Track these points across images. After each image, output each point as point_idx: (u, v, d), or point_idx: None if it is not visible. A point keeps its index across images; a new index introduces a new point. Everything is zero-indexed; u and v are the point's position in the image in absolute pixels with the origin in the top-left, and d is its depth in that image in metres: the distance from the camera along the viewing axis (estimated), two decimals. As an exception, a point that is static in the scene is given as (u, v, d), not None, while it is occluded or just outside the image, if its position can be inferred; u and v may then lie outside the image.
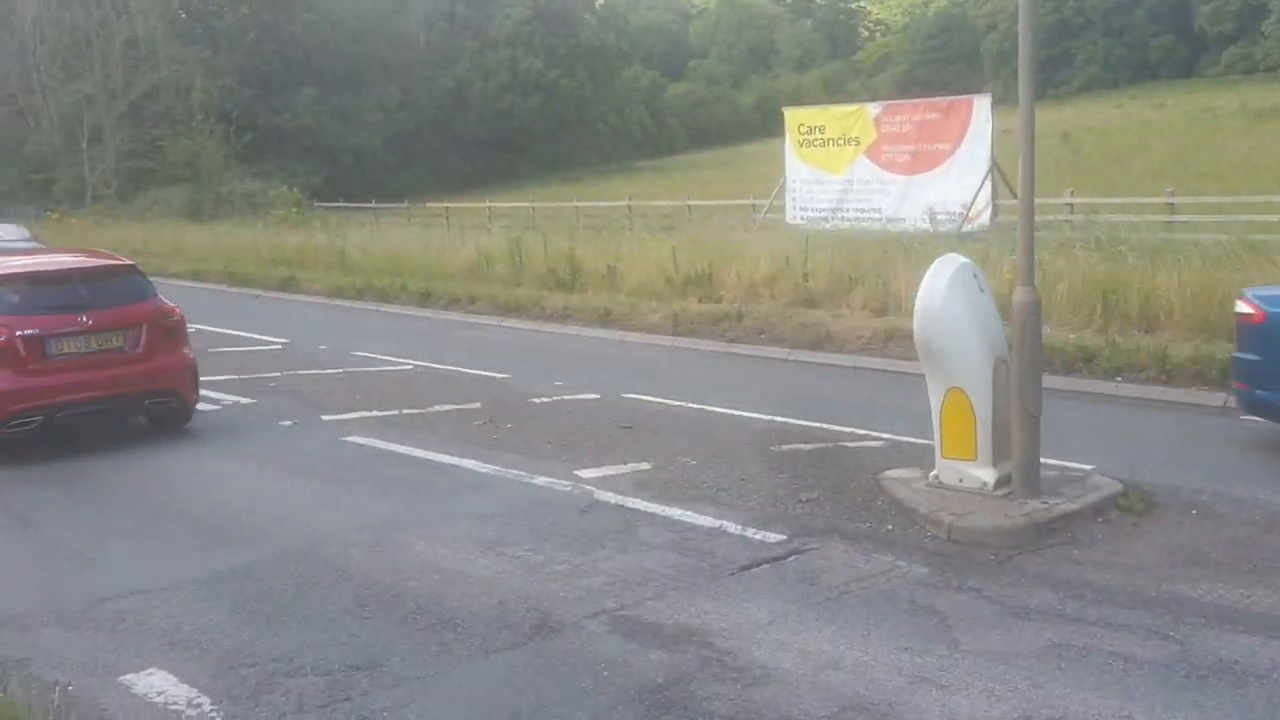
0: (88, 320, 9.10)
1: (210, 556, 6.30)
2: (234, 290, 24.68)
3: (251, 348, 15.31)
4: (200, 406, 10.40)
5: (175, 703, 4.42)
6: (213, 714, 4.34)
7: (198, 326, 17.52)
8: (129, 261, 10.42)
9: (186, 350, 9.94)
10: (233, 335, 16.61)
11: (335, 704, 4.41)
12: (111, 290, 9.57)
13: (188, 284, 25.15)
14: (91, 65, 50.72)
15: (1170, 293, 11.78)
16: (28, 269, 9.82)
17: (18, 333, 8.78)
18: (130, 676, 4.65)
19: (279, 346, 15.38)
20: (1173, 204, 20.53)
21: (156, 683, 4.60)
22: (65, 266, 10.00)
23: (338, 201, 42.31)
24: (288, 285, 23.53)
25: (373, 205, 40.81)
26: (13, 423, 8.74)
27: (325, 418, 10.13)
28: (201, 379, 10.21)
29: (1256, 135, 42.09)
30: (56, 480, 8.17)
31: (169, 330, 9.71)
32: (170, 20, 53.03)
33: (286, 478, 8.08)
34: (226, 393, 11.41)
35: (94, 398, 9.10)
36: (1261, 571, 5.71)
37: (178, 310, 9.97)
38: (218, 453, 8.94)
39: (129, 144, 49.59)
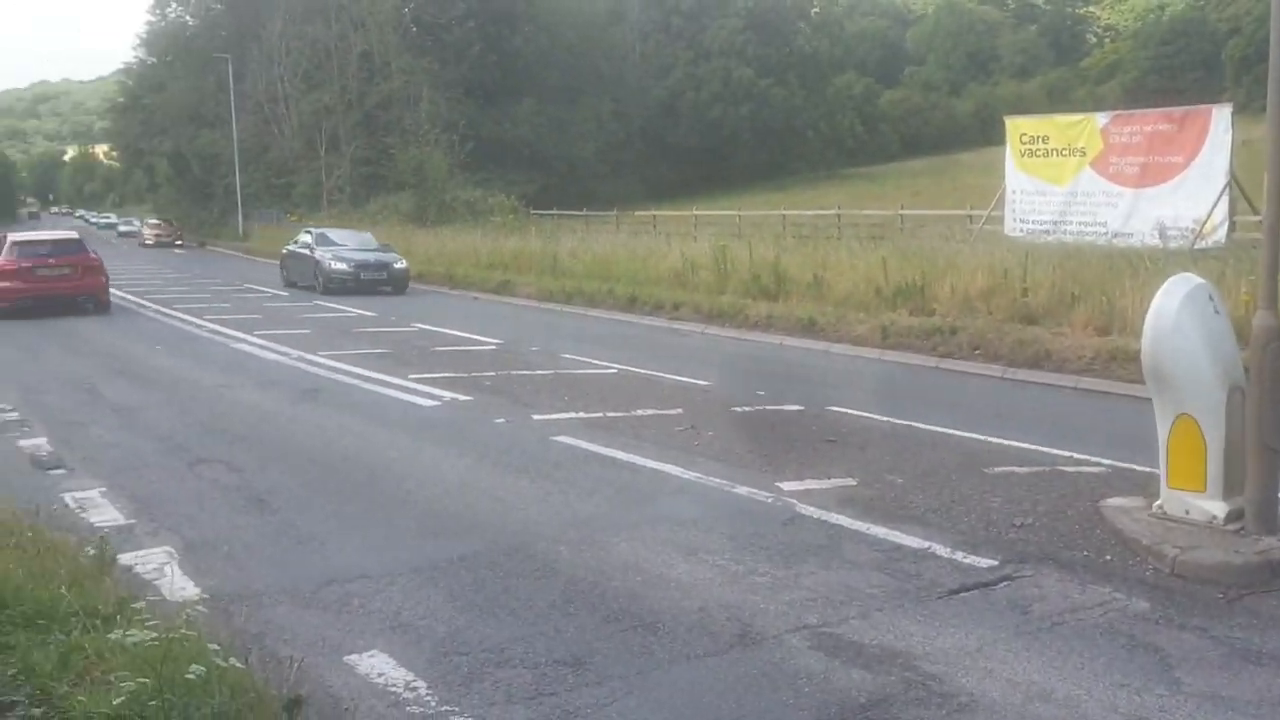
0: (52, 260, 21.11)
1: (429, 545, 6.61)
2: (454, 292, 25.83)
3: (468, 347, 15.97)
4: (421, 402, 11.25)
5: (394, 685, 4.65)
6: (428, 698, 4.55)
7: (420, 325, 18.51)
8: (77, 236, 23.49)
9: (101, 278, 21.69)
10: (452, 335, 17.38)
11: (541, 697, 4.55)
12: (67, 248, 21.81)
13: (411, 285, 26.47)
14: (330, 76, 54.12)
15: None
16: (32, 238, 22.82)
17: (21, 263, 20.56)
18: (354, 657, 4.92)
19: (493, 347, 15.98)
20: None
21: (377, 664, 4.85)
22: (48, 237, 23.04)
23: (551, 209, 43.61)
24: (503, 289, 24.43)
25: (584, 213, 41.86)
26: (17, 302, 20.16)
27: (535, 417, 10.46)
28: (424, 375, 12.26)
29: None
30: (293, 466, 8.74)
31: (91, 268, 21.47)
32: (403, 33, 55.89)
33: (499, 474, 8.38)
34: (446, 389, 11.93)
35: (55, 294, 20.75)
36: None
37: (97, 257, 22.15)
38: (438, 447, 9.36)
39: (362, 151, 52.62)
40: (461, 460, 8.87)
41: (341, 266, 25.31)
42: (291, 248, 28.40)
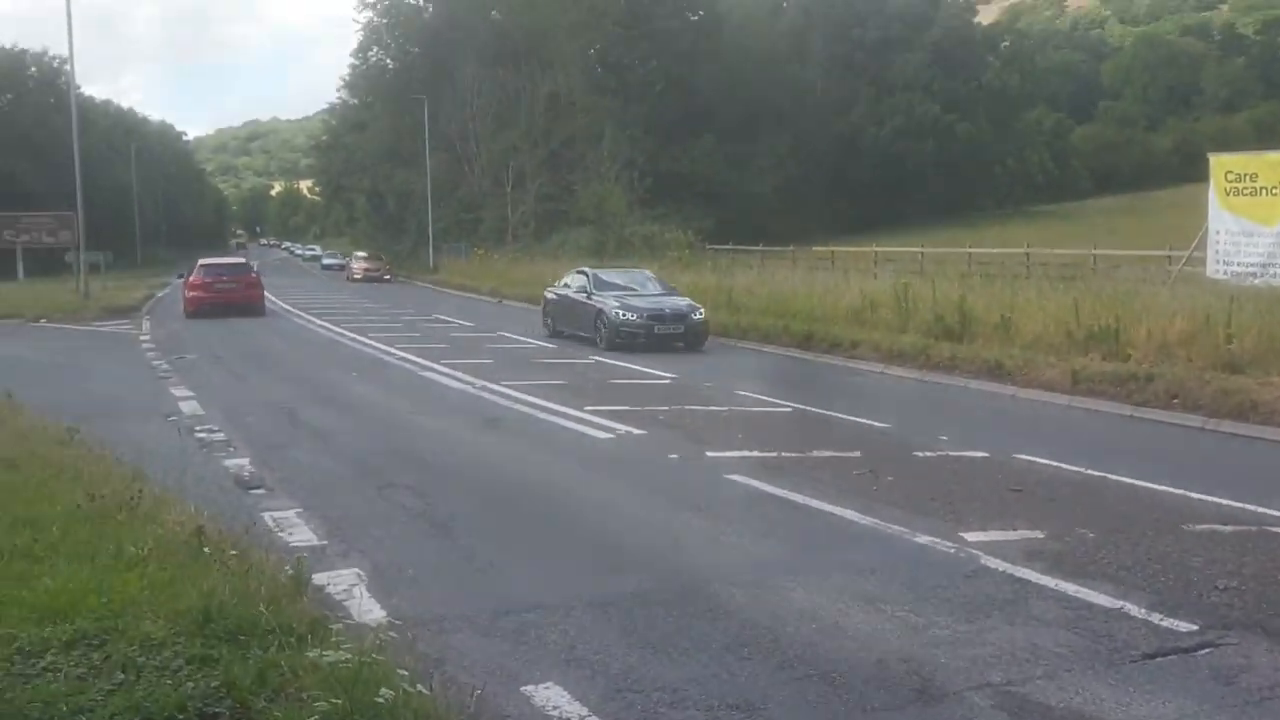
0: (226, 278, 30.12)
1: (604, 579, 6.68)
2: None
3: (644, 381, 16.11)
4: (598, 435, 11.40)
5: (568, 719, 4.70)
6: (602, 734, 4.57)
7: (596, 359, 18.75)
8: (244, 260, 38.54)
9: (258, 290, 30.44)
10: (625, 368, 17.57)
11: (713, 741, 4.50)
12: (236, 269, 31.83)
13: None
14: (518, 116, 55.93)
15: None
16: (214, 262, 32.35)
17: (205, 279, 29.54)
18: (530, 688, 4.99)
19: (668, 381, 16.07)
20: None
21: (553, 697, 4.91)
22: (225, 262, 34.15)
23: (727, 244, 43.73)
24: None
25: (760, 248, 41.78)
26: (202, 306, 28.84)
27: (709, 454, 10.44)
28: (599, 408, 12.46)
29: None
30: (475, 494, 8.99)
31: (252, 283, 30.25)
32: (588, 73, 57.36)
33: (673, 510, 8.40)
34: (621, 422, 12.06)
35: (227, 301, 28.91)
36: None
37: (257, 276, 31.54)
38: (614, 480, 9.46)
39: (546, 188, 54.12)
40: (635, 494, 8.94)
41: (631, 317, 20.47)
42: (560, 292, 23.47)
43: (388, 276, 54.02)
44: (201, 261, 31.22)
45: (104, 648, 4.59)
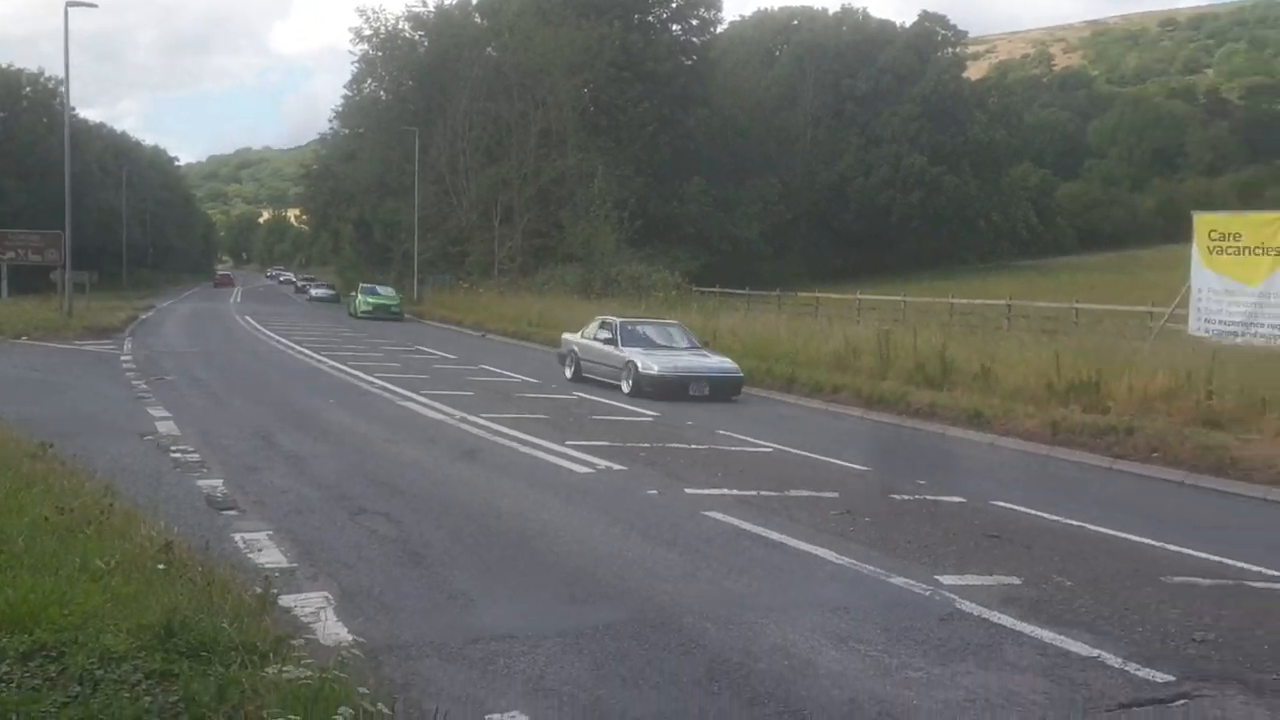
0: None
1: (576, 611, 6.59)
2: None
3: (626, 417, 16.05)
4: (577, 469, 11.38)
5: (533, 748, 4.61)
6: (566, 765, 4.48)
7: (579, 395, 18.72)
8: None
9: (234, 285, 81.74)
10: (607, 404, 17.52)
11: (681, 776, 4.42)
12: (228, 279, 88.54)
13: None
14: (509, 151, 56.12)
15: None
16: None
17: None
18: (495, 716, 4.89)
19: (650, 418, 16.02)
20: None
21: (518, 725, 4.82)
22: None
23: (714, 287, 43.83)
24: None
25: (745, 292, 41.91)
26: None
27: (688, 491, 10.38)
28: (581, 443, 12.26)
29: None
30: (450, 523, 8.89)
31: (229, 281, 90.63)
32: (581, 112, 57.65)
33: (649, 544, 8.32)
34: (601, 458, 11.99)
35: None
36: None
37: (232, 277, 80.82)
38: (591, 514, 9.38)
39: (534, 224, 54.16)
40: (612, 529, 8.85)
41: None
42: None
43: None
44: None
45: (62, 659, 4.48)
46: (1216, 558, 8.41)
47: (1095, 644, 6.24)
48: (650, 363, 19.31)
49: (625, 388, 19.34)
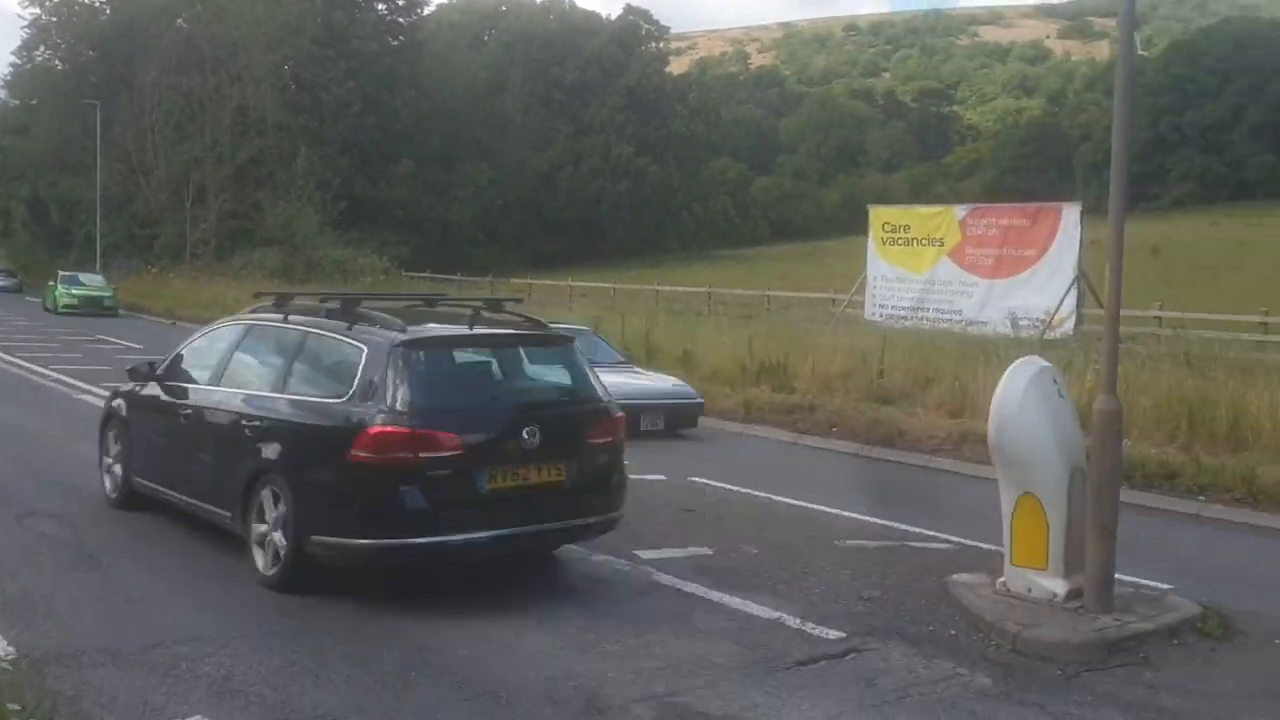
0: None
1: (270, 609, 6.33)
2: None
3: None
4: None
5: (217, 752, 4.40)
6: (253, 766, 4.31)
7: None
8: None
9: None
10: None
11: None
12: None
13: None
14: (202, 129, 52.87)
15: (1261, 413, 11.42)
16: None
17: None
18: (175, 722, 4.65)
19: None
20: (1266, 323, 20.04)
21: (198, 731, 4.59)
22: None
23: (425, 272, 43.24)
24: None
25: (457, 277, 41.64)
26: None
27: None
28: None
29: (1357, 260, 41.05)
30: (133, 525, 8.29)
31: None
32: (281, 89, 55.15)
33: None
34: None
35: None
36: (1348, 710, 5.41)
37: None
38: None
39: (230, 205, 51.38)
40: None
41: None
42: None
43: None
44: None
45: None
46: (885, 521, 9.17)
47: (776, 606, 6.66)
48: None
49: None
